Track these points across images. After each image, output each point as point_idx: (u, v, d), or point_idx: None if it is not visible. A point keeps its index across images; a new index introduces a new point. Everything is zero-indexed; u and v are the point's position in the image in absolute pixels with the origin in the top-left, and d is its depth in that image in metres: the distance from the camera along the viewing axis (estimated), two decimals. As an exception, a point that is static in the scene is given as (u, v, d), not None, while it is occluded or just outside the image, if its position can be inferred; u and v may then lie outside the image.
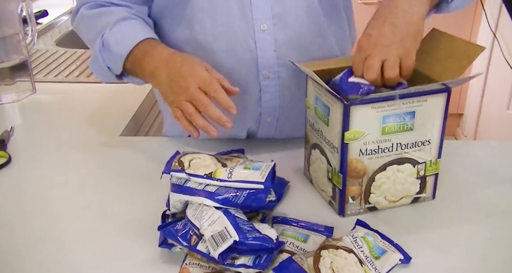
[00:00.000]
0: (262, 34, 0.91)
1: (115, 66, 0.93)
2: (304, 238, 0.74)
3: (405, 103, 0.75)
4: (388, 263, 0.70)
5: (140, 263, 0.73)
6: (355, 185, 0.79)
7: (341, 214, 0.82)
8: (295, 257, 0.68)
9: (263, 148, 1.01)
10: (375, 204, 0.82)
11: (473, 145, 1.16)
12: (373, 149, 0.77)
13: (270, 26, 0.91)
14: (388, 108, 0.75)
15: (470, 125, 2.77)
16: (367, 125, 0.75)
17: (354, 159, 0.77)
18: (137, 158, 1.01)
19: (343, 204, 0.81)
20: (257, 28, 0.91)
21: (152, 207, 0.84)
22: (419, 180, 0.82)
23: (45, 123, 1.18)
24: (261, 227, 0.71)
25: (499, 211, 0.83)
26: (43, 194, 0.90)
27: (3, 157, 1.00)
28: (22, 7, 1.28)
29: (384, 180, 0.80)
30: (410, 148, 0.79)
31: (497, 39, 2.44)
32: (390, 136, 0.77)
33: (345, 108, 0.73)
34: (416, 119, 0.77)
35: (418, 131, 0.78)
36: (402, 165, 0.80)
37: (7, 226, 0.82)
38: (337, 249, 0.69)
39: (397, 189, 0.82)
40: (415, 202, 0.84)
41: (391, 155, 0.78)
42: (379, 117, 0.75)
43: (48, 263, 0.74)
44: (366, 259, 0.69)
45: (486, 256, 0.74)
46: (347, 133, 0.75)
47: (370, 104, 0.74)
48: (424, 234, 0.77)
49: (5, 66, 1.27)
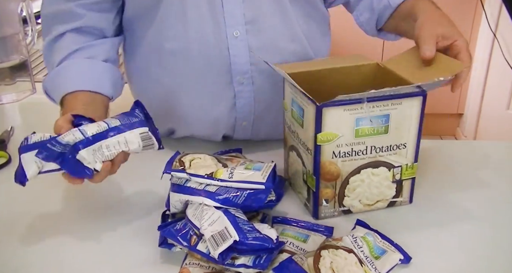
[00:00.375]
0: (235, 41, 0.90)
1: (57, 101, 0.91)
2: (304, 238, 0.75)
3: (379, 106, 0.74)
4: (388, 263, 0.70)
5: (140, 263, 0.73)
6: (328, 188, 0.79)
7: (315, 216, 0.81)
8: (295, 257, 0.68)
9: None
10: (349, 207, 0.81)
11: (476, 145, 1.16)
12: (346, 151, 0.76)
13: (243, 32, 0.90)
14: (361, 111, 0.74)
15: (470, 125, 2.77)
16: (340, 127, 0.74)
17: (327, 162, 0.76)
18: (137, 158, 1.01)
19: (316, 206, 0.80)
20: (230, 34, 0.90)
21: (152, 207, 0.84)
22: (395, 184, 0.81)
23: (45, 123, 1.18)
24: (261, 227, 0.71)
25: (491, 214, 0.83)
26: (43, 194, 0.90)
27: (3, 157, 1.00)
28: (22, 7, 1.28)
29: (359, 183, 0.79)
30: (385, 151, 0.78)
31: (497, 39, 2.44)
32: (364, 139, 0.76)
33: (317, 110, 0.73)
34: (390, 122, 0.76)
35: (393, 134, 0.77)
36: (377, 169, 0.79)
37: (7, 226, 0.82)
38: (337, 249, 0.69)
39: (372, 193, 0.81)
40: (391, 206, 0.83)
41: (365, 158, 0.78)
42: (352, 119, 0.74)
43: (48, 263, 0.74)
44: (366, 259, 0.70)
45: (486, 257, 0.74)
46: (320, 135, 0.74)
47: (342, 106, 0.73)
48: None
49: (5, 66, 1.27)
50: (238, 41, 0.91)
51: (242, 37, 0.91)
